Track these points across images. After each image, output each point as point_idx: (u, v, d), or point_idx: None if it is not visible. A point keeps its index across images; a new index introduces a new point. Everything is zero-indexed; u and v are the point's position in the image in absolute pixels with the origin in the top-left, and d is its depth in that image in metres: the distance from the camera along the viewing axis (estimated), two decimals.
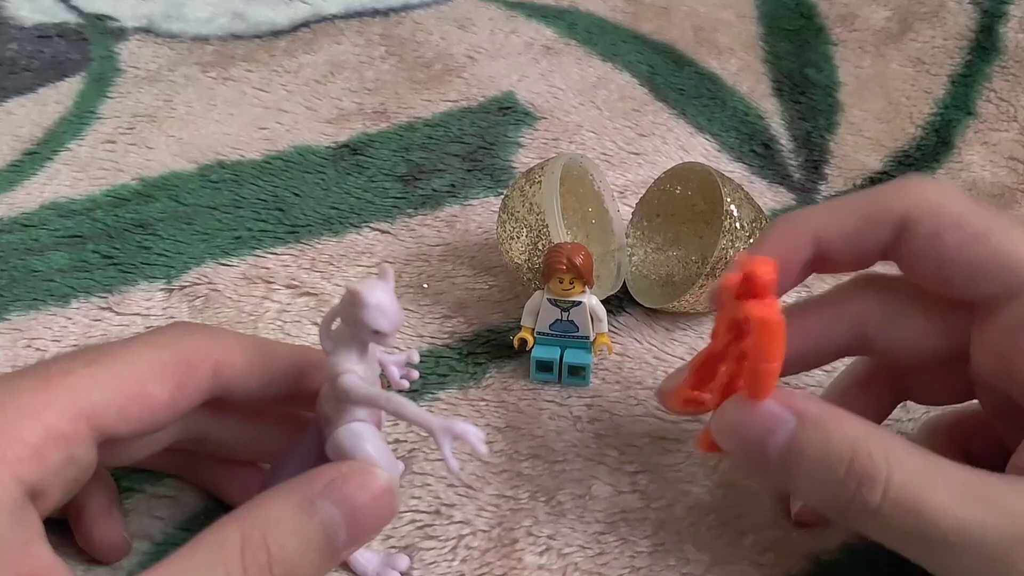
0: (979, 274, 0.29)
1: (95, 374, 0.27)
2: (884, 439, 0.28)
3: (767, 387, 0.28)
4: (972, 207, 0.30)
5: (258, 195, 0.50)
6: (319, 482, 0.27)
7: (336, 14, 0.65)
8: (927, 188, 0.31)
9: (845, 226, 0.31)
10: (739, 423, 0.29)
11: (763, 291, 0.27)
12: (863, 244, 0.31)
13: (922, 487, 0.26)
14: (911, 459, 0.27)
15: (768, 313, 0.27)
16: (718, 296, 0.30)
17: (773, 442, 0.28)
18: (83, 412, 0.26)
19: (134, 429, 0.28)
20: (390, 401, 0.27)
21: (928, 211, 0.30)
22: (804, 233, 0.31)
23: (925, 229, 0.30)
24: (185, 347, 0.29)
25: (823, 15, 0.66)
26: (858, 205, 0.31)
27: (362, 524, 0.27)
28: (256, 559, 0.25)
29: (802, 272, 0.32)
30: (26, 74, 0.59)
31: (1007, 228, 0.29)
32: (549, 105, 0.57)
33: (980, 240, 0.29)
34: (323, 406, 0.29)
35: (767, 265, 0.27)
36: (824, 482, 0.28)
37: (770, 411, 0.28)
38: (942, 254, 0.30)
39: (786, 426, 0.28)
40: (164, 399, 0.28)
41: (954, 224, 0.30)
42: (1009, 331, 0.29)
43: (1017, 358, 0.29)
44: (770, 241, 0.32)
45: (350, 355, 0.29)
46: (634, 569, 0.33)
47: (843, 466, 0.27)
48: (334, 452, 0.29)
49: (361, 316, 0.27)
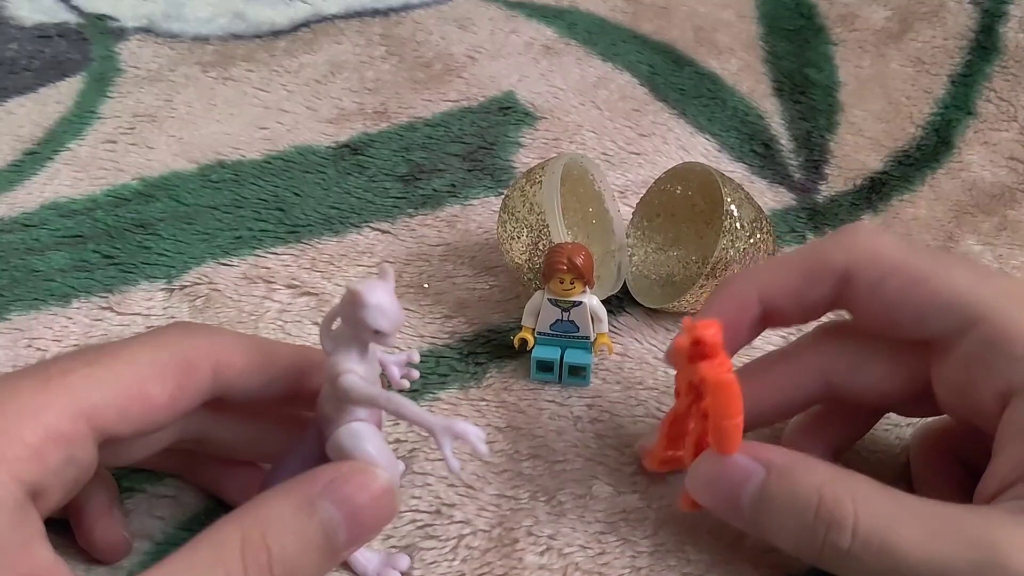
0: (925, 316, 0.30)
1: (95, 374, 0.27)
2: (850, 482, 0.29)
3: (733, 442, 0.30)
4: (910, 251, 0.31)
5: (259, 195, 0.50)
6: (319, 482, 0.27)
7: (336, 14, 0.65)
8: (865, 238, 0.32)
9: (788, 284, 0.32)
10: (712, 478, 0.31)
11: (712, 352, 0.29)
12: (807, 299, 0.32)
13: (890, 526, 0.27)
14: (877, 499, 0.28)
15: (720, 374, 0.28)
16: (672, 358, 0.31)
17: (744, 493, 0.30)
18: (83, 412, 0.26)
19: (135, 429, 0.28)
20: (390, 401, 0.28)
21: (868, 261, 0.31)
22: (749, 292, 0.32)
23: (867, 279, 0.31)
24: (186, 347, 0.29)
25: (823, 15, 0.66)
26: (800, 261, 0.32)
27: (362, 524, 0.28)
28: (256, 559, 0.26)
29: (753, 329, 0.33)
30: (26, 74, 0.59)
31: (946, 267, 0.30)
32: (549, 105, 0.57)
33: (921, 283, 0.30)
34: (323, 406, 0.29)
35: (712, 327, 0.28)
36: (795, 528, 0.29)
37: (739, 464, 0.30)
38: (886, 300, 0.31)
39: (755, 477, 0.29)
40: (164, 399, 0.28)
41: (894, 270, 0.30)
42: (964, 366, 0.30)
43: (974, 392, 0.30)
44: (717, 303, 0.33)
45: (350, 355, 0.29)
46: (635, 569, 0.33)
47: (811, 512, 0.28)
48: (334, 452, 0.29)
49: (361, 316, 0.27)
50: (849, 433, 0.36)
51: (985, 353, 0.29)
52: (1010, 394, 0.29)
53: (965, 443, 0.34)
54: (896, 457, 0.38)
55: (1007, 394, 0.29)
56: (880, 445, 0.38)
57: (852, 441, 0.36)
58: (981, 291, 0.29)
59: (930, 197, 0.51)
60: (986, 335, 0.29)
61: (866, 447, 0.38)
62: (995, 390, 0.29)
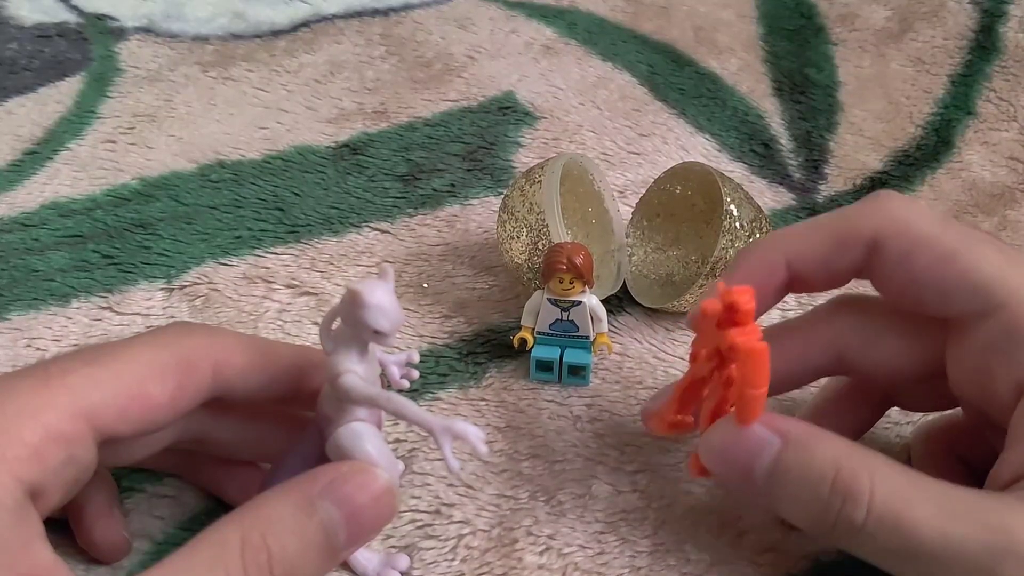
0: (949, 294, 0.30)
1: (95, 374, 0.27)
2: (867, 457, 0.28)
3: (755, 412, 0.29)
4: (941, 225, 0.30)
5: (258, 195, 0.50)
6: (319, 482, 0.27)
7: (336, 14, 0.65)
8: (897, 207, 0.31)
9: (817, 249, 0.32)
10: (726, 447, 0.30)
11: (744, 319, 0.28)
12: (835, 266, 0.32)
13: (905, 503, 0.27)
14: (893, 476, 0.28)
15: (753, 342, 0.28)
16: (698, 323, 0.30)
17: (759, 464, 0.29)
18: (83, 412, 0.26)
19: (134, 429, 0.28)
20: (390, 401, 0.27)
21: (898, 231, 0.30)
22: (777, 257, 0.32)
23: (895, 249, 0.30)
24: (186, 347, 0.29)
25: (823, 15, 0.66)
26: (829, 227, 0.32)
27: (362, 524, 0.27)
28: (256, 559, 0.25)
29: (777, 294, 0.33)
30: (26, 74, 0.59)
31: (976, 246, 0.30)
32: (549, 105, 0.57)
33: (949, 260, 0.29)
34: (323, 406, 0.29)
35: (747, 294, 0.28)
36: (809, 501, 0.28)
37: (755, 434, 0.29)
38: (912, 274, 0.30)
39: (771, 448, 0.29)
40: (164, 399, 0.28)
41: (923, 244, 0.30)
42: (981, 351, 0.29)
43: (990, 379, 0.29)
44: (745, 267, 0.32)
45: (350, 355, 0.29)
46: (634, 569, 0.33)
47: (826, 485, 0.28)
48: (334, 452, 0.29)
49: (361, 316, 0.27)
50: (854, 425, 0.36)
51: (1004, 340, 0.29)
52: None
53: (967, 441, 0.34)
54: (897, 456, 0.37)
55: (1023, 383, 0.28)
56: (880, 444, 0.38)
57: (859, 435, 0.36)
58: (1008, 275, 0.29)
59: (930, 197, 0.51)
60: (1008, 322, 0.28)
61: (867, 446, 0.38)
62: (1011, 379, 0.28)
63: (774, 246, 0.32)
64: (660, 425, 0.34)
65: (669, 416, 0.33)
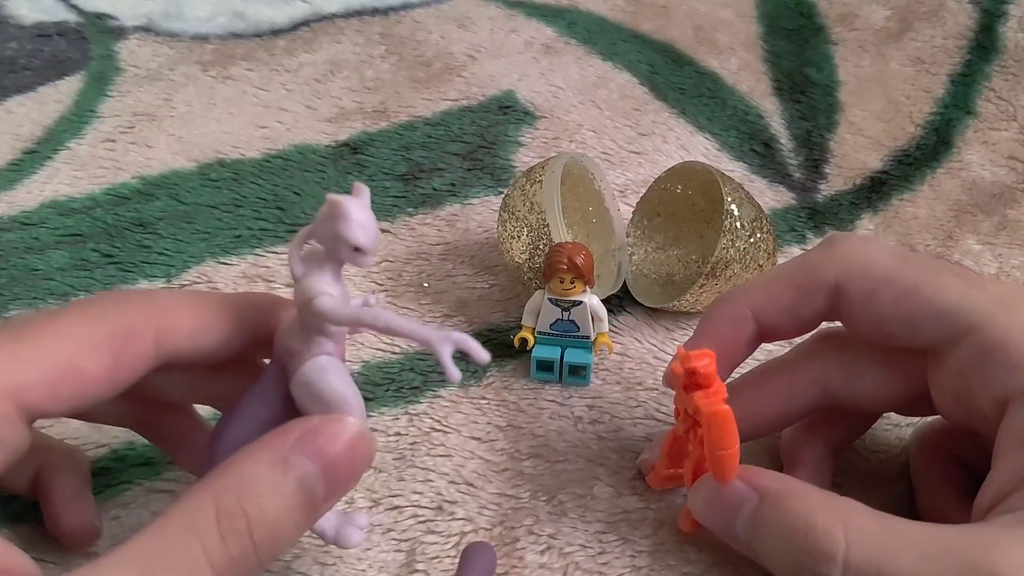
0: (918, 326, 0.30)
1: (21, 351, 0.26)
2: (841, 509, 0.28)
3: (728, 470, 0.30)
4: (900, 260, 0.31)
5: (258, 194, 0.50)
6: (290, 437, 0.26)
7: (336, 13, 0.65)
8: (854, 249, 0.32)
9: (780, 300, 0.32)
10: (708, 502, 0.31)
11: (706, 382, 0.29)
12: (800, 314, 0.32)
13: (884, 555, 0.27)
14: (869, 526, 0.27)
15: (714, 405, 0.28)
16: (669, 382, 0.31)
17: (738, 519, 0.30)
18: (7, 392, 0.25)
19: (67, 406, 0.26)
20: (378, 318, 0.25)
21: (859, 272, 0.31)
22: (742, 312, 0.33)
23: (859, 291, 0.31)
24: (123, 316, 0.27)
25: (823, 14, 0.66)
26: (790, 277, 0.32)
27: (339, 475, 0.27)
28: (233, 526, 0.24)
29: (748, 346, 0.33)
30: (26, 73, 0.59)
31: (937, 276, 0.30)
32: (549, 104, 0.57)
33: (913, 293, 0.30)
34: (286, 340, 0.28)
35: (704, 358, 0.28)
36: (785, 557, 0.28)
37: (734, 489, 0.30)
38: (879, 311, 0.31)
39: (749, 504, 0.29)
40: (99, 374, 0.26)
41: (885, 281, 0.30)
42: (959, 375, 0.30)
43: (972, 399, 0.30)
44: (711, 324, 0.33)
45: (324, 276, 0.27)
46: (635, 568, 0.33)
47: (798, 542, 0.28)
48: (301, 388, 0.27)
49: (341, 230, 0.26)
50: (848, 433, 0.36)
51: (980, 361, 0.29)
52: (1007, 401, 0.29)
53: (964, 443, 0.34)
54: (896, 457, 0.38)
55: (1004, 401, 0.29)
56: (880, 445, 0.38)
57: (851, 441, 0.36)
58: (973, 299, 0.29)
59: (930, 197, 0.51)
60: (980, 343, 0.29)
61: (866, 447, 0.38)
62: (992, 397, 0.29)
63: (738, 300, 0.33)
64: (656, 479, 0.35)
65: (662, 471, 0.34)
